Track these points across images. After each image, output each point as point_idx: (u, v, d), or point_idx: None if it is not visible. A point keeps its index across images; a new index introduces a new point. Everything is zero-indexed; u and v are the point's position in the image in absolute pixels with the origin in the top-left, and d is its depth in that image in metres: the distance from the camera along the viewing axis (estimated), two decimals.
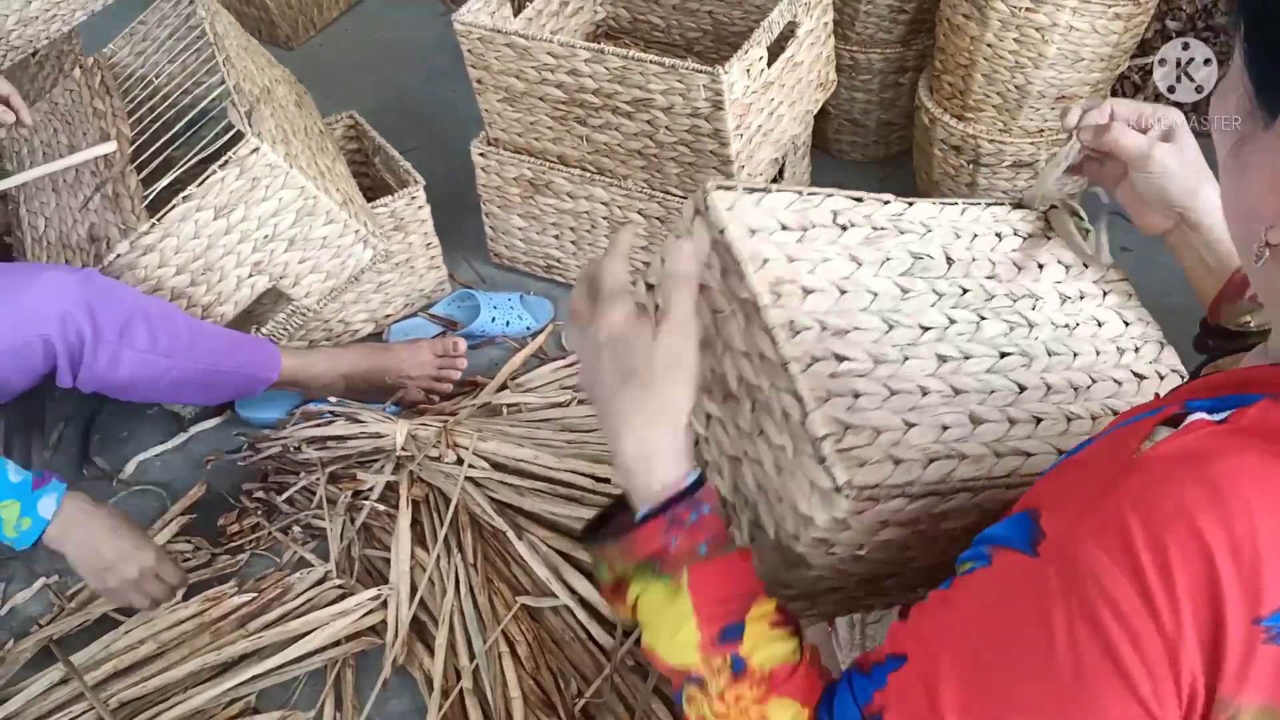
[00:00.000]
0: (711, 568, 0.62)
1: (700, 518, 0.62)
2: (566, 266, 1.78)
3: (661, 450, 0.64)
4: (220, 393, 1.49)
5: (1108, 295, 0.86)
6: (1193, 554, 0.45)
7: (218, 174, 1.35)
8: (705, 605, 0.61)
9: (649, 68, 1.42)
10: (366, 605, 1.32)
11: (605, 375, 0.65)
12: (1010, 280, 0.84)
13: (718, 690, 0.61)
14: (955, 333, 0.80)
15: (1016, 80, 1.57)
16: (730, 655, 0.60)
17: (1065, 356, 0.81)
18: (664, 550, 0.62)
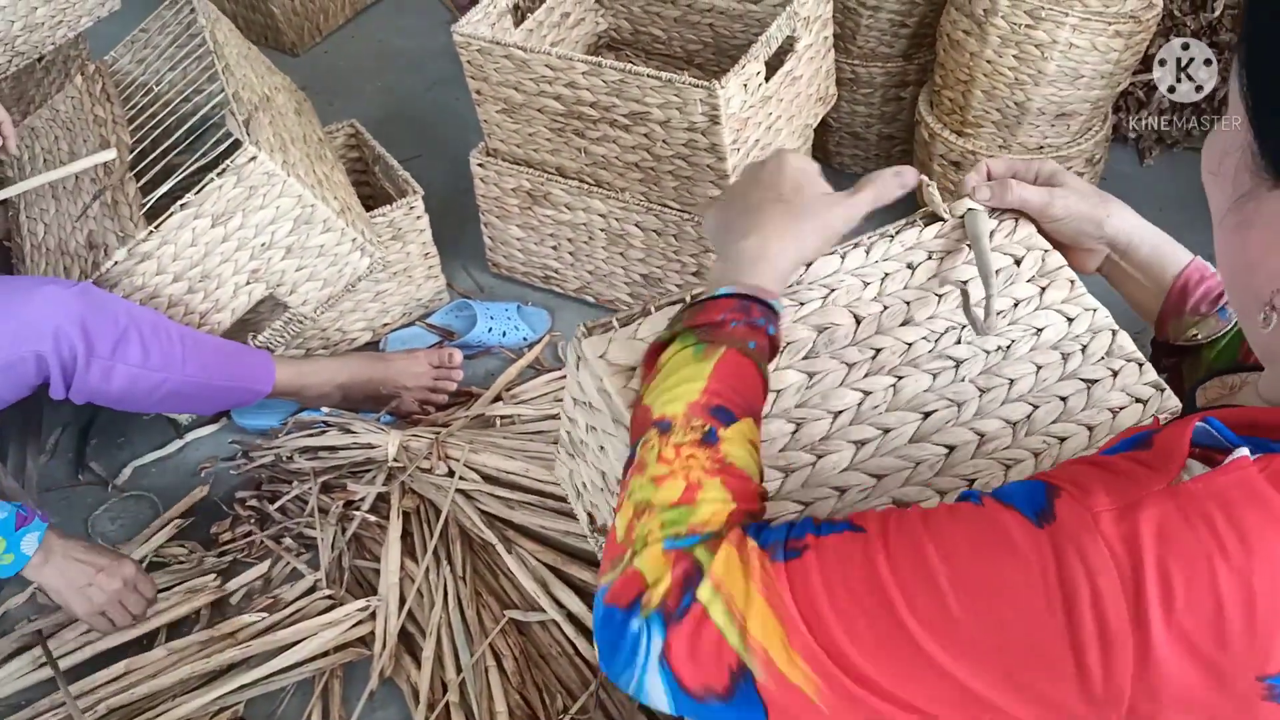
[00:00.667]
0: (745, 364, 0.65)
1: (767, 329, 0.67)
2: (564, 277, 1.78)
3: (774, 264, 0.70)
4: (214, 404, 1.49)
5: (1046, 291, 0.83)
6: (1203, 596, 0.44)
7: (215, 182, 1.35)
8: (719, 382, 0.64)
9: (646, 81, 1.42)
10: (355, 616, 1.32)
11: (771, 184, 0.73)
12: (930, 319, 0.82)
13: (679, 441, 0.62)
14: (870, 406, 0.78)
15: (1016, 97, 1.57)
16: (711, 425, 0.62)
17: (1000, 389, 0.79)
18: (720, 324, 0.66)
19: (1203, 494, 0.45)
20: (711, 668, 0.54)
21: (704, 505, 0.60)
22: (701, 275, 1.63)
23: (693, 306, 0.69)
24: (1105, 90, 1.57)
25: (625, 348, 0.79)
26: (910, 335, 0.81)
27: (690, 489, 0.60)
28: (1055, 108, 1.57)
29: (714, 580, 0.56)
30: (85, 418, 1.65)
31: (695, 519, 0.59)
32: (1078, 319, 0.82)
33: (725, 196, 0.78)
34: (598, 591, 0.60)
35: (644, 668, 0.56)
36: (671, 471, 0.61)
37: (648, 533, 0.59)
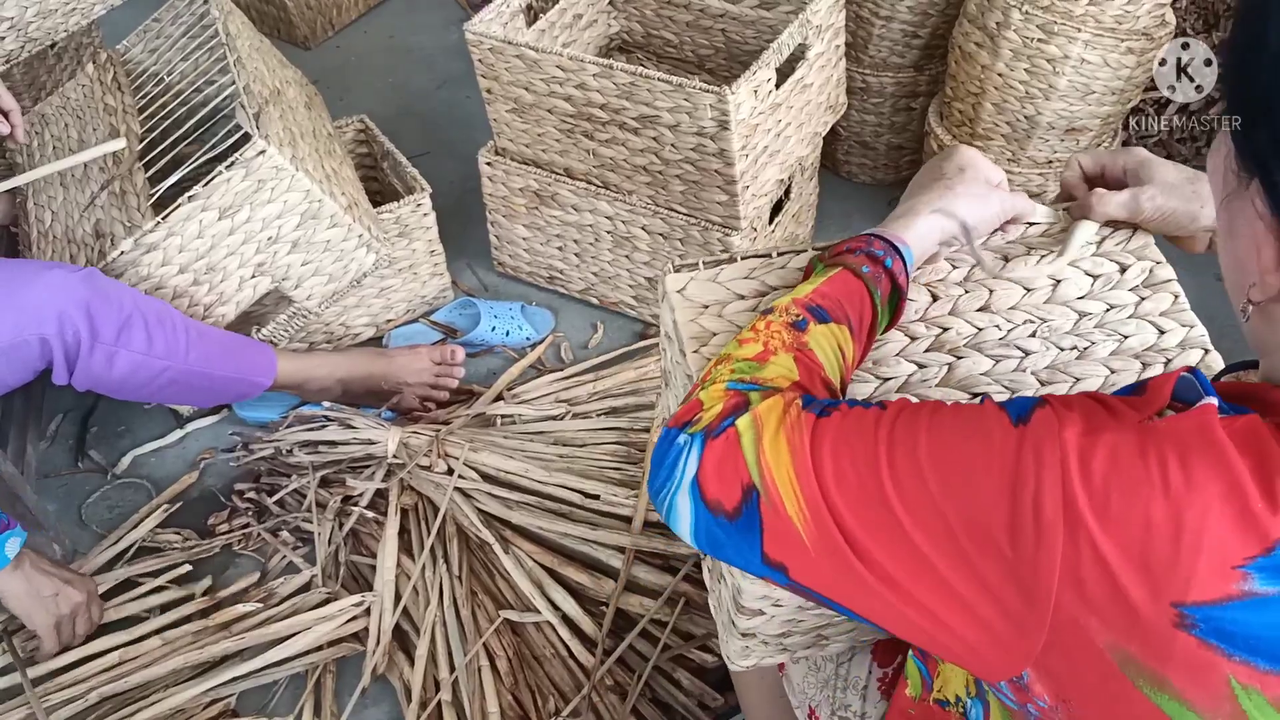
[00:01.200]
0: (855, 283, 0.74)
1: (887, 264, 0.75)
2: (569, 278, 1.78)
3: (913, 218, 0.78)
4: (215, 396, 1.49)
5: (1144, 302, 0.84)
6: (1136, 517, 0.47)
7: (223, 175, 1.35)
8: (827, 287, 0.74)
9: (656, 85, 1.41)
10: (350, 611, 1.32)
11: (937, 169, 0.83)
12: (1010, 309, 0.84)
13: (773, 319, 0.72)
14: (919, 379, 0.80)
15: (1026, 111, 1.56)
16: (803, 318, 0.72)
17: (1061, 385, 0.80)
18: (845, 252, 0.76)
19: (1163, 432, 0.48)
20: (729, 483, 0.61)
21: (772, 366, 0.69)
22: None
23: (833, 245, 0.79)
24: (1116, 106, 1.57)
25: (704, 288, 0.87)
26: (983, 321, 0.84)
27: (765, 352, 0.70)
28: (1065, 122, 1.57)
29: (754, 414, 0.63)
30: (86, 405, 1.66)
31: (761, 373, 0.68)
32: (1170, 333, 0.83)
33: (909, 186, 0.86)
34: (661, 422, 0.73)
35: (678, 484, 0.63)
36: (755, 336, 0.71)
37: (718, 374, 0.69)
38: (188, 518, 1.51)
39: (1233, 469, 0.46)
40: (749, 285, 0.87)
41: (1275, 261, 0.49)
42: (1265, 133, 0.48)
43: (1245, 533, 0.45)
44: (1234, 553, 0.45)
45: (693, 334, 0.84)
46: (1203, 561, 0.45)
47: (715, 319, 0.85)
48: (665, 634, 1.25)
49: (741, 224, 1.54)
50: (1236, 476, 0.46)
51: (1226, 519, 0.45)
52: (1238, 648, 0.45)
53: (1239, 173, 0.50)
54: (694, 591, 1.28)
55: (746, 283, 0.87)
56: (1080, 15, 1.46)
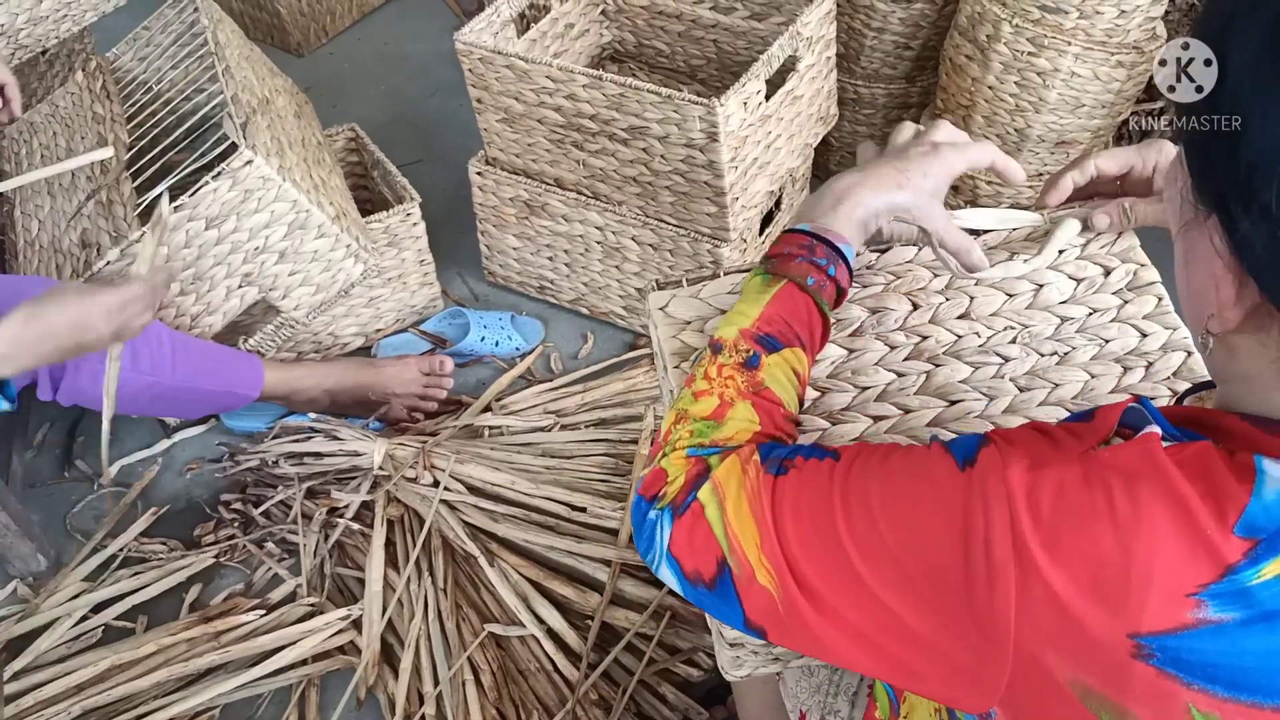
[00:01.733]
0: (801, 298, 0.72)
1: (831, 270, 0.72)
2: (559, 288, 1.78)
3: (855, 208, 0.73)
4: (202, 408, 1.49)
5: (1127, 305, 0.84)
6: (1086, 551, 0.47)
7: (210, 185, 1.35)
8: (773, 312, 0.71)
9: (645, 96, 1.41)
10: (335, 625, 1.31)
11: (904, 154, 0.76)
12: (991, 315, 0.84)
13: (724, 362, 0.70)
14: (898, 387, 0.80)
15: (1016, 123, 1.56)
16: (754, 352, 0.70)
17: (1040, 391, 0.79)
18: (787, 258, 0.72)
19: (1108, 462, 0.48)
20: (702, 557, 0.62)
21: (730, 424, 0.68)
22: None
23: (779, 238, 0.75)
24: (1106, 119, 1.57)
25: (686, 304, 0.87)
26: (963, 328, 0.83)
27: (722, 407, 0.69)
28: (1056, 135, 1.56)
29: (714, 482, 0.63)
30: (73, 415, 1.65)
31: (719, 434, 0.68)
32: (1152, 335, 0.82)
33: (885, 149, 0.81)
34: (638, 479, 0.71)
35: (659, 556, 0.65)
36: (710, 389, 0.70)
37: (679, 438, 0.68)
38: (174, 528, 1.51)
39: (1181, 495, 0.45)
40: (731, 300, 0.86)
41: (1234, 298, 0.48)
42: (1224, 172, 0.47)
43: (1197, 560, 0.45)
44: (1187, 580, 0.45)
45: (674, 350, 0.84)
46: (1155, 591, 0.45)
47: (697, 335, 0.85)
48: (650, 648, 1.25)
49: (731, 235, 1.53)
50: (1185, 503, 0.45)
51: (1177, 546, 0.45)
52: (1196, 676, 0.45)
53: (1196, 205, 0.50)
54: (680, 605, 1.27)
55: (729, 298, 0.87)
56: (1070, 29, 1.46)
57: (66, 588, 1.41)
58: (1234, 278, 0.48)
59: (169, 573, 1.43)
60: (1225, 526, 0.45)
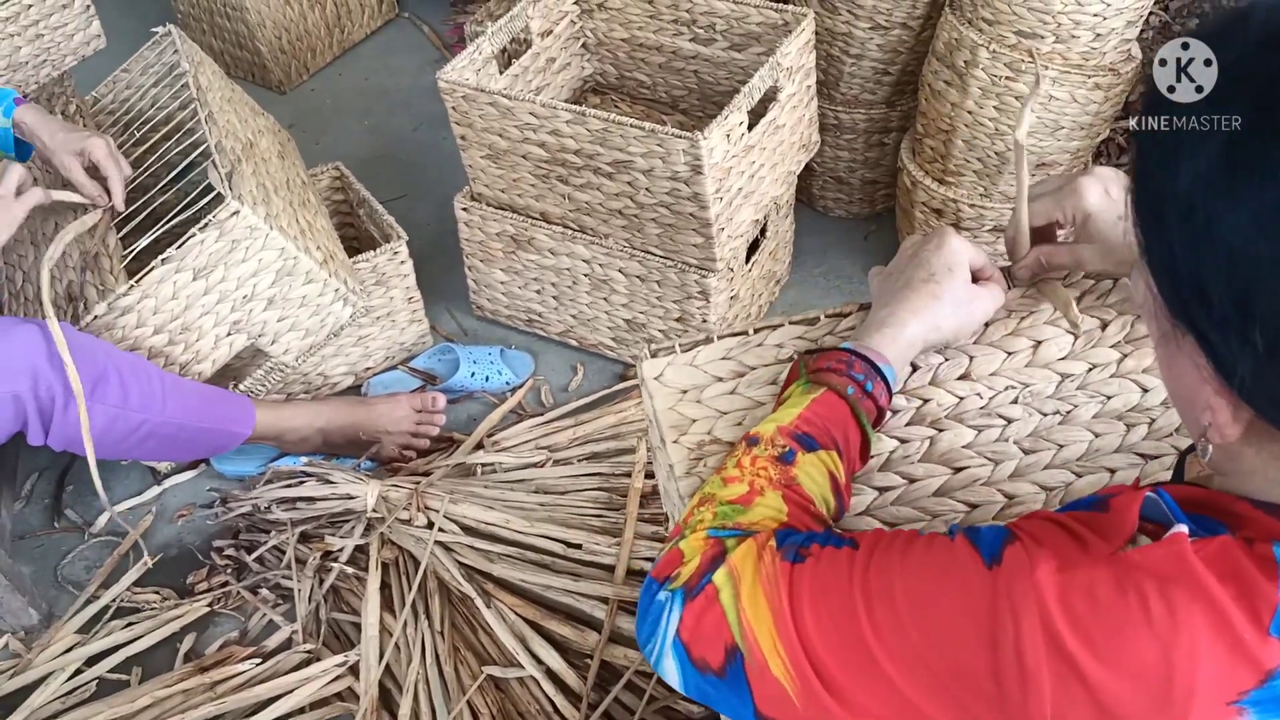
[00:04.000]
0: (840, 405, 0.73)
1: (869, 386, 0.74)
2: (548, 321, 1.78)
3: (897, 334, 0.78)
4: (194, 449, 1.48)
5: (1126, 359, 0.83)
6: (1125, 660, 0.46)
7: (197, 237, 1.34)
8: (812, 416, 0.72)
9: (629, 130, 1.42)
10: (333, 671, 1.31)
11: (924, 262, 0.80)
12: (991, 375, 0.84)
13: (758, 454, 0.71)
14: (901, 455, 0.80)
15: (996, 147, 1.58)
16: (791, 449, 0.71)
17: (1045, 453, 0.80)
18: (828, 371, 0.75)
19: (1139, 565, 0.48)
20: (712, 643, 0.61)
21: (758, 509, 0.68)
22: (684, 321, 1.63)
23: (814, 355, 0.78)
24: (1084, 141, 1.58)
25: (681, 372, 0.87)
26: (963, 389, 0.83)
27: (751, 493, 0.69)
28: (1035, 158, 1.58)
29: (730, 566, 0.63)
30: (62, 464, 1.64)
31: (745, 518, 0.67)
32: (1154, 390, 0.82)
33: (889, 267, 0.84)
34: (656, 559, 0.69)
35: (662, 642, 0.63)
36: (741, 476, 0.70)
37: (700, 519, 0.69)
38: (166, 576, 1.50)
39: (1215, 600, 0.45)
40: (727, 366, 0.87)
41: (1231, 418, 0.48)
42: (1198, 306, 0.45)
43: (1237, 666, 0.44)
44: (1229, 688, 0.44)
45: (672, 422, 0.83)
46: (1198, 700, 0.45)
47: (694, 405, 0.85)
48: (651, 685, 1.24)
49: (718, 265, 1.54)
50: (1221, 608, 0.45)
51: (1217, 653, 0.45)
52: None
53: (1173, 324, 0.48)
54: None
55: (724, 364, 0.87)
56: (1047, 53, 1.48)
57: (59, 641, 1.40)
58: (1227, 401, 0.47)
59: (163, 623, 1.42)
60: (1261, 629, 0.44)
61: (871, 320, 0.81)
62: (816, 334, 0.90)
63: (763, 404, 0.86)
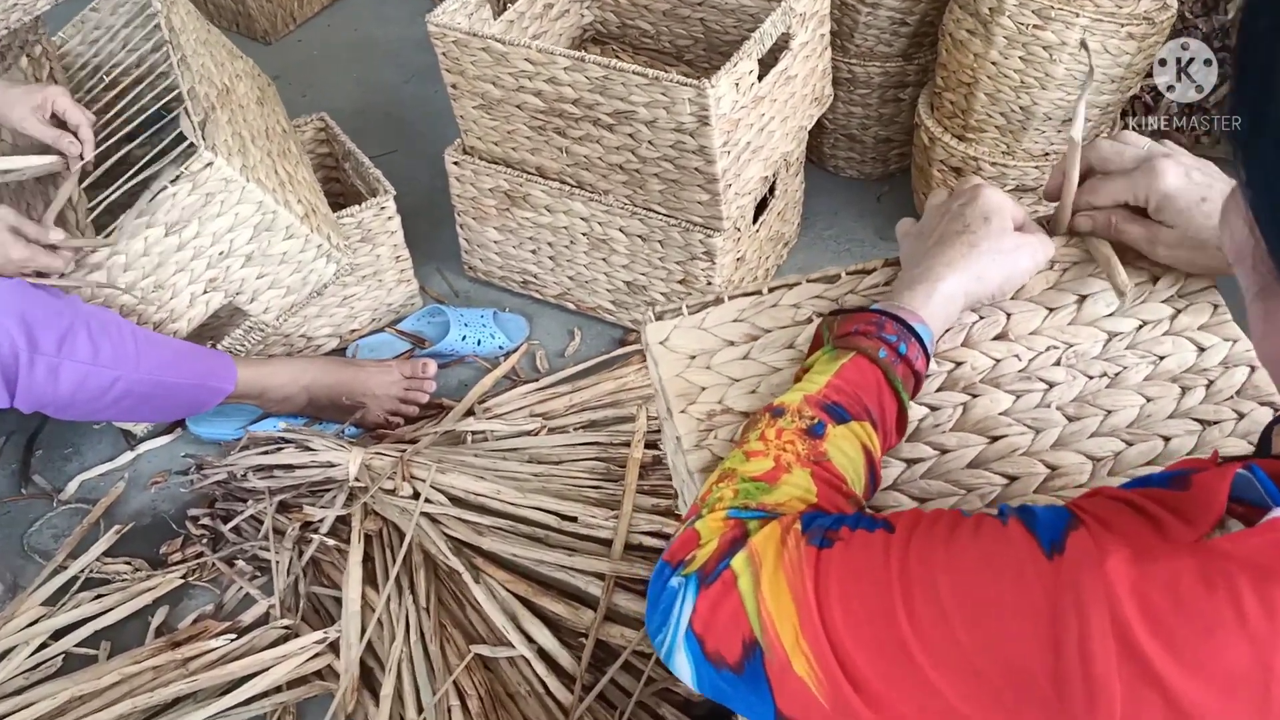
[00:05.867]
0: (872, 369, 0.66)
1: (903, 349, 0.67)
2: (543, 282, 1.70)
3: (932, 290, 0.70)
4: (172, 406, 1.40)
5: (1180, 315, 0.76)
6: (1211, 669, 0.39)
7: (169, 190, 1.25)
8: (841, 383, 0.66)
9: (631, 79, 1.33)
10: (312, 648, 1.23)
11: (958, 215, 0.72)
12: (1031, 334, 0.76)
13: (784, 426, 0.64)
14: (931, 423, 0.73)
15: (1021, 101, 1.48)
16: (821, 420, 0.64)
17: (1091, 419, 0.72)
18: (856, 334, 0.68)
19: (1231, 555, 0.41)
20: (728, 636, 0.55)
21: (783, 488, 0.62)
22: (688, 284, 1.55)
23: (840, 317, 0.71)
24: (1115, 95, 1.49)
25: (689, 335, 0.79)
26: (1000, 350, 0.75)
27: (776, 469, 0.62)
28: (1062, 113, 1.49)
29: (750, 550, 0.57)
30: (31, 427, 1.56)
31: (769, 498, 0.61)
32: (1211, 349, 0.75)
33: (919, 225, 0.77)
34: (670, 542, 0.63)
35: (674, 633, 0.58)
36: (765, 450, 0.64)
37: (720, 497, 0.62)
38: (138, 545, 1.42)
39: None
40: (739, 329, 0.79)
41: None
42: None
43: None
44: None
45: (679, 390, 0.76)
46: None
47: (704, 371, 0.77)
48: (649, 666, 1.17)
49: (724, 224, 1.45)
50: None
51: None
52: None
53: (1273, 272, 0.42)
54: None
55: (736, 326, 0.79)
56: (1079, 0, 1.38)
57: (24, 613, 1.33)
58: None
59: (134, 595, 1.35)
60: None
61: (903, 278, 0.73)
62: (837, 293, 0.82)
63: (779, 369, 0.78)
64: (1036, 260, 0.74)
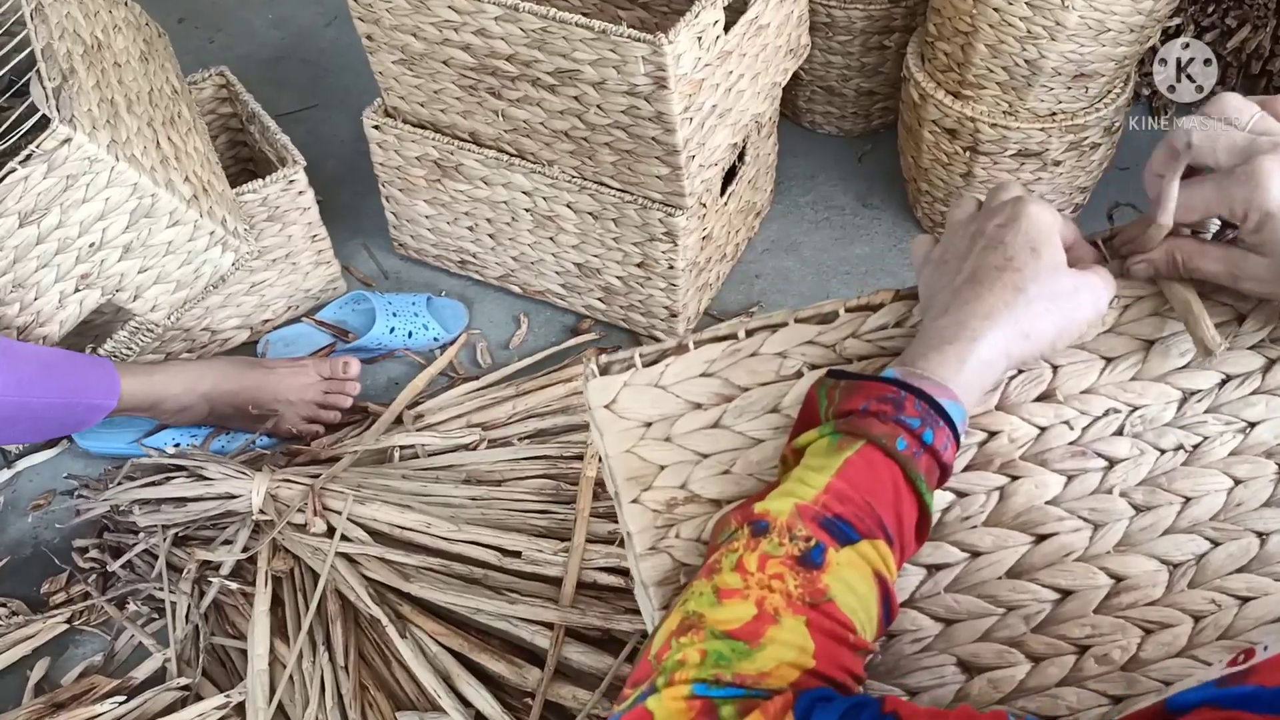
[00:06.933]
0: (887, 466, 0.50)
1: (928, 436, 0.51)
2: (483, 263, 1.49)
3: (968, 355, 0.53)
4: (42, 429, 1.20)
5: (1275, 366, 0.59)
6: None
7: (18, 172, 1.04)
8: (847, 487, 0.50)
9: (574, 31, 1.12)
10: (213, 715, 1.06)
11: (997, 242, 0.55)
12: (1084, 393, 0.59)
13: (770, 551, 0.49)
14: (958, 516, 0.57)
15: (1028, 53, 1.29)
16: (819, 543, 0.49)
17: (1166, 510, 0.56)
18: (867, 414, 0.52)
19: None
20: None
21: (770, 650, 0.46)
22: (646, 267, 1.35)
23: (845, 384, 0.54)
24: (1132, 47, 1.30)
25: (643, 396, 0.61)
26: (1045, 416, 0.58)
27: (759, 620, 0.47)
28: (1074, 67, 1.29)
29: None
30: None
31: (749, 665, 0.46)
32: None
33: (940, 249, 0.60)
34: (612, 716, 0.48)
35: None
36: (745, 588, 0.48)
37: (681, 660, 0.46)
38: (17, 583, 1.24)
39: None
40: (708, 387, 0.61)
41: None
42: None
43: None
44: None
45: (630, 472, 0.59)
46: None
47: (662, 445, 0.59)
48: None
49: (687, 201, 1.26)
50: None
51: None
52: None
53: None
54: None
55: (704, 383, 0.61)
56: None
57: None
58: None
59: (11, 644, 1.17)
60: None
61: (926, 331, 0.55)
62: (835, 337, 0.63)
63: (760, 441, 0.60)
64: (1099, 306, 0.56)
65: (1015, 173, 1.40)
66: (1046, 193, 1.44)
